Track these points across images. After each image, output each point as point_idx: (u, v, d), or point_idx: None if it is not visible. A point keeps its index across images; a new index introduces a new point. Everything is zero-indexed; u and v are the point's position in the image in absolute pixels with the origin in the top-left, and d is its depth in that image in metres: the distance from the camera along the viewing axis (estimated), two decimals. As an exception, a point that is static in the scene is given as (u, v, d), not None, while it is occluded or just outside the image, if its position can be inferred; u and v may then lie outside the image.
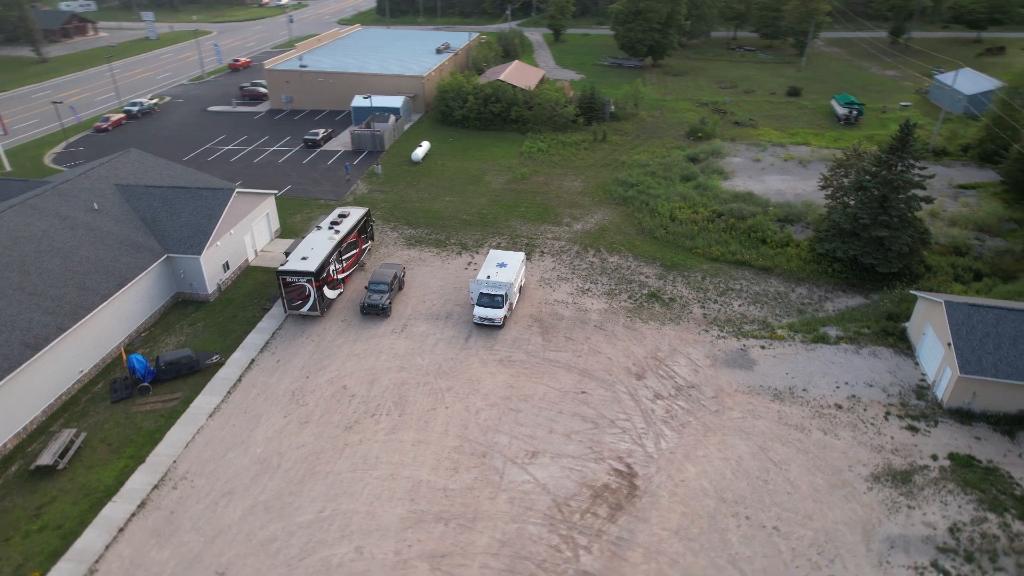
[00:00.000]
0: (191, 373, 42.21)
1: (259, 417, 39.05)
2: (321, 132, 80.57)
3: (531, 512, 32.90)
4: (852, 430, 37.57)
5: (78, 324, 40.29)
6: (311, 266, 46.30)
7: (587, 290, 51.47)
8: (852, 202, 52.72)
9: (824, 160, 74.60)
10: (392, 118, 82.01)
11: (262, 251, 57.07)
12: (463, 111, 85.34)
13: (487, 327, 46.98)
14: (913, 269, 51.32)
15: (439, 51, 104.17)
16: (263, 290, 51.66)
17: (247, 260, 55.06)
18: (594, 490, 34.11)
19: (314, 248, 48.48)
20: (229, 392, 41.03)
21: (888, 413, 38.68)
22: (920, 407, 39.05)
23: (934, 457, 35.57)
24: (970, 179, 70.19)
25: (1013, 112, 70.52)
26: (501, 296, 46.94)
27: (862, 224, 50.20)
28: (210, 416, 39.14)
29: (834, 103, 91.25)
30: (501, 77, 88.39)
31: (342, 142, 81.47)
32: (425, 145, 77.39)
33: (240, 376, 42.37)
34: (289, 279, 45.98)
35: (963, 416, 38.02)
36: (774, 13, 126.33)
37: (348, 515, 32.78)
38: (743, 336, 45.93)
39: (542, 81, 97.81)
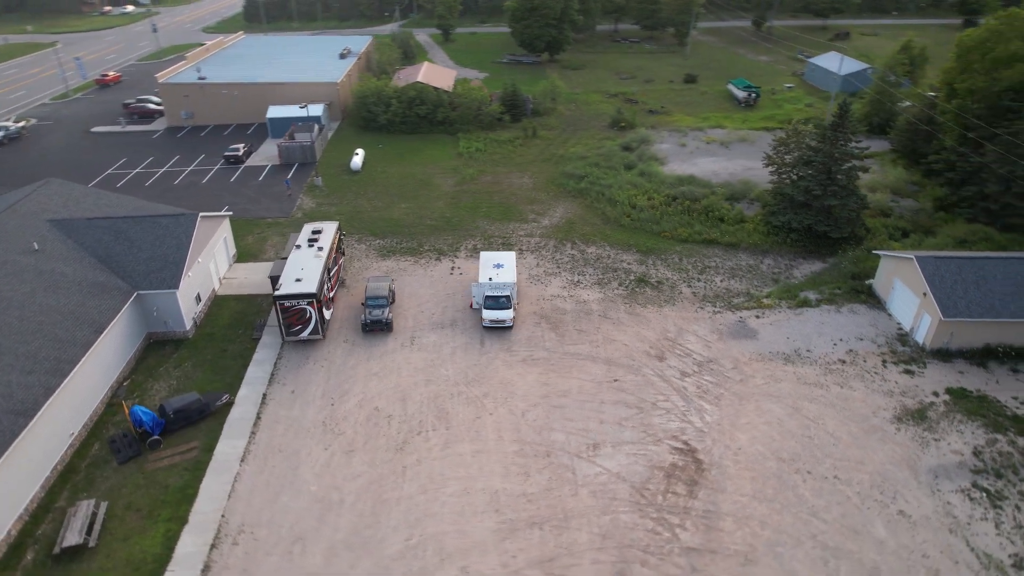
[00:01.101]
0: (201, 418, 38.45)
1: (298, 453, 36.42)
2: (242, 147, 75.28)
3: (616, 501, 33.47)
4: (862, 380, 41.51)
5: (66, 380, 35.38)
6: (311, 287, 43.62)
7: (577, 282, 52.47)
8: (796, 176, 57.63)
9: (742, 141, 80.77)
10: (316, 127, 78.25)
11: (225, 279, 52.70)
12: (387, 115, 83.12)
13: (497, 329, 46.65)
14: (857, 232, 57.06)
15: (342, 56, 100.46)
16: (243, 320, 47.86)
17: (214, 290, 50.66)
18: (665, 470, 35.25)
19: (304, 268, 45.66)
20: (253, 432, 37.86)
21: (884, 361, 43.10)
22: (907, 352, 43.85)
23: (935, 394, 40.21)
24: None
25: (891, 89, 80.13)
26: (506, 297, 46.80)
27: (814, 195, 55.12)
28: (242, 461, 35.95)
29: (731, 87, 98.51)
30: (419, 79, 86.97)
31: (267, 156, 76.60)
32: (361, 153, 74.69)
33: (257, 414, 39.20)
34: (287, 303, 43.03)
35: (944, 355, 43.19)
36: (652, 6, 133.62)
37: (439, 538, 31.62)
38: (736, 309, 49.01)
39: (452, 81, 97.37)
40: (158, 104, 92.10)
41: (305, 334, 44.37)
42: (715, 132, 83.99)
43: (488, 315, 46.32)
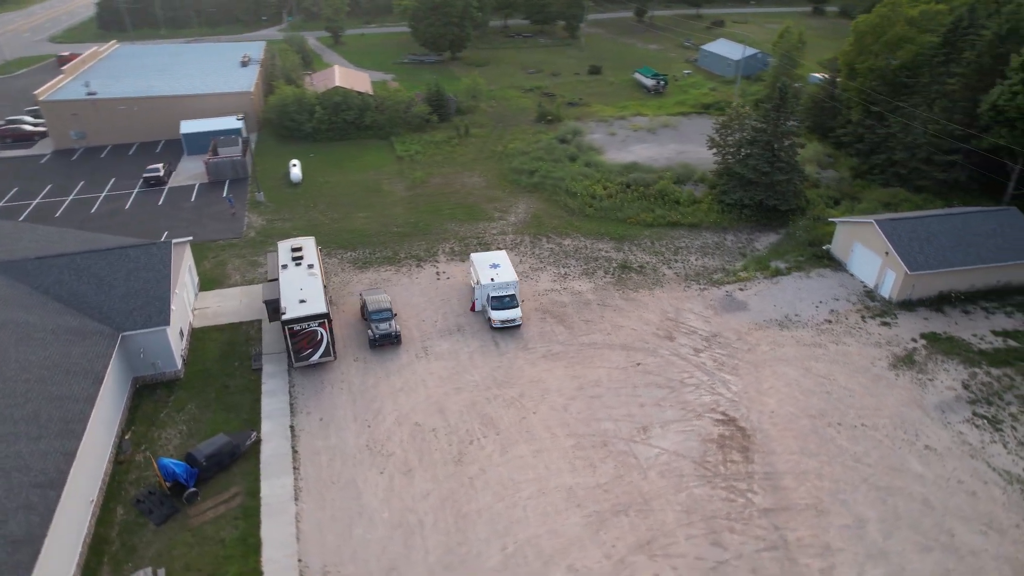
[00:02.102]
0: (232, 461, 35.38)
1: (354, 482, 34.57)
2: (161, 167, 68.91)
3: (684, 478, 34.82)
4: (851, 336, 45.71)
5: (83, 441, 31.27)
6: (320, 307, 41.27)
7: (565, 275, 53.34)
8: (742, 156, 61.82)
9: (665, 127, 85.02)
10: (242, 141, 73.26)
11: (196, 310, 48.40)
12: (312, 123, 79.33)
13: (506, 328, 46.50)
14: (800, 204, 62.24)
15: (243, 64, 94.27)
16: (233, 351, 44.30)
17: (190, 323, 46.40)
18: (716, 442, 37.09)
19: (303, 288, 43.06)
20: (295, 468, 35.39)
21: (863, 316, 47.71)
22: (878, 306, 48.76)
23: (914, 340, 45.15)
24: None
25: (790, 71, 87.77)
26: (511, 296, 46.81)
27: (763, 172, 59.49)
28: (296, 500, 33.57)
29: (638, 76, 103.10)
30: (338, 83, 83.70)
31: (191, 174, 70.65)
32: (298, 164, 70.86)
33: (293, 447, 36.65)
34: (297, 327, 40.43)
35: (908, 305, 48.49)
36: (542, 0, 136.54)
37: (534, 542, 31.42)
38: (719, 284, 52.04)
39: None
40: (36, 124, 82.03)
41: (316, 357, 41.92)
42: (638, 120, 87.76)
43: (498, 316, 46.06)
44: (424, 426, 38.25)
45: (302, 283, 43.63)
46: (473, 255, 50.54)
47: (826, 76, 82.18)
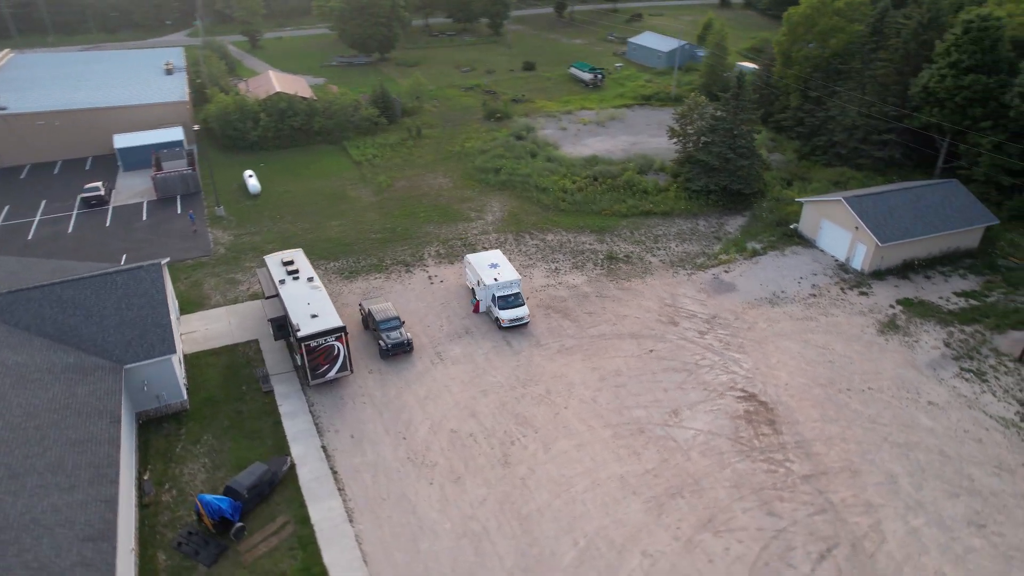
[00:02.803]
0: (271, 490, 33.57)
1: (405, 496, 33.67)
2: (101, 186, 63.77)
3: (725, 455, 36.19)
4: (837, 307, 48.81)
5: (122, 486, 28.79)
6: (335, 320, 39.79)
7: (556, 269, 53.86)
8: (702, 143, 64.41)
9: (613, 119, 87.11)
10: (186, 153, 69.01)
11: (183, 334, 45.33)
12: (258, 131, 75.74)
13: (515, 327, 46.44)
14: (760, 187, 65.55)
15: (168, 72, 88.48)
16: (235, 374, 41.90)
17: (181, 349, 43.41)
18: (744, 418, 38.74)
19: (311, 303, 41.32)
20: (339, 489, 34.03)
21: (842, 288, 51.02)
22: (853, 278, 52.25)
23: (892, 306, 48.77)
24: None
25: (722, 60, 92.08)
26: (515, 294, 46.85)
27: (726, 158, 62.25)
28: (351, 521, 32.31)
29: (575, 71, 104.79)
30: (278, 89, 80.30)
31: (134, 192, 65.80)
32: (253, 174, 67.52)
33: (331, 468, 35.20)
34: (314, 343, 38.76)
35: (878, 275, 52.27)
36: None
37: (603, 533, 31.77)
38: (704, 268, 54.11)
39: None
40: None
41: (333, 373, 40.35)
42: (585, 114, 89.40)
43: (506, 315, 45.95)
44: (460, 432, 37.72)
45: (308, 297, 41.84)
46: (468, 256, 50.09)
47: (757, 66, 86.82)
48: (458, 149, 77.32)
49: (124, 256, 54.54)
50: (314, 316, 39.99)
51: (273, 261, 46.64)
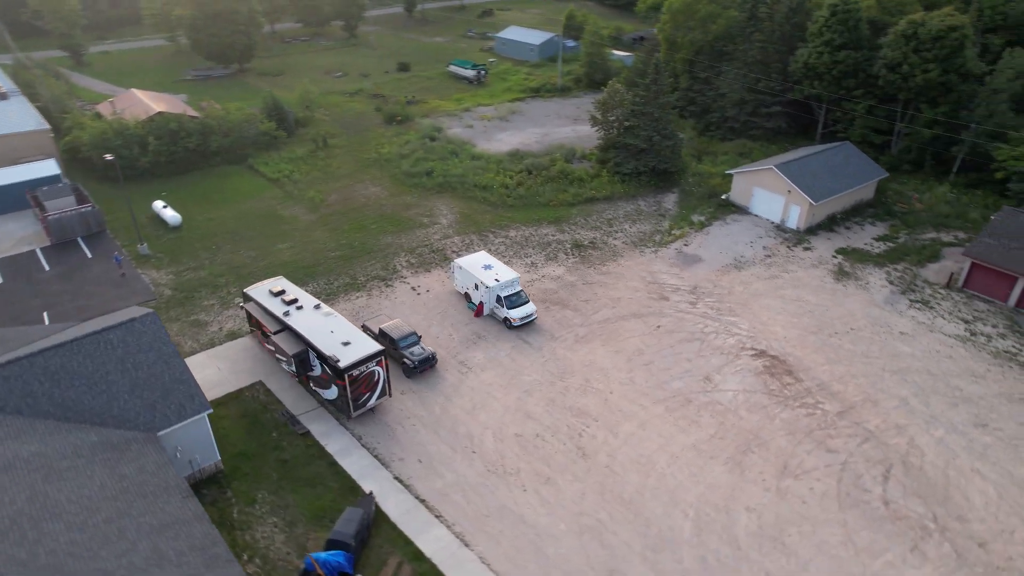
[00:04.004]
0: (369, 533, 31.16)
1: (506, 508, 32.93)
2: (-23, 236, 53.59)
3: (768, 407, 39.45)
4: (792, 263, 54.44)
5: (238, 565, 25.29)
6: (372, 345, 37.48)
7: (533, 263, 54.49)
8: (625, 128, 68.01)
9: (513, 113, 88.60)
10: (72, 188, 59.86)
11: (170, 390, 39.91)
12: (148, 158, 67.46)
13: (523, 325, 46.50)
14: (682, 164, 70.54)
15: (3, 97, 75.48)
16: (256, 421, 37.92)
17: (181, 406, 38.26)
18: (767, 372, 42.35)
19: (334, 330, 38.48)
20: (437, 516, 32.40)
21: (788, 246, 56.92)
22: (792, 237, 58.41)
23: (834, 256, 55.37)
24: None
25: (601, 50, 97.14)
26: (520, 292, 46.97)
27: (653, 140, 66.36)
28: (466, 545, 30.99)
29: (456, 69, 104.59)
30: (160, 109, 72.05)
31: (19, 239, 55.85)
32: (166, 205, 60.21)
33: (417, 497, 33.35)
34: (356, 372, 36.22)
35: (811, 231, 58.95)
36: (314, 1, 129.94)
37: (704, 499, 33.46)
38: (663, 244, 57.57)
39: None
40: None
41: (373, 400, 37.95)
42: (484, 110, 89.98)
43: (517, 314, 45.89)
44: (525, 435, 37.41)
45: (328, 325, 38.86)
46: (458, 261, 49.14)
47: (637, 52, 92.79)
48: (375, 156, 74.54)
49: (45, 314, 46.59)
50: (346, 344, 37.29)
51: (259, 293, 42.57)
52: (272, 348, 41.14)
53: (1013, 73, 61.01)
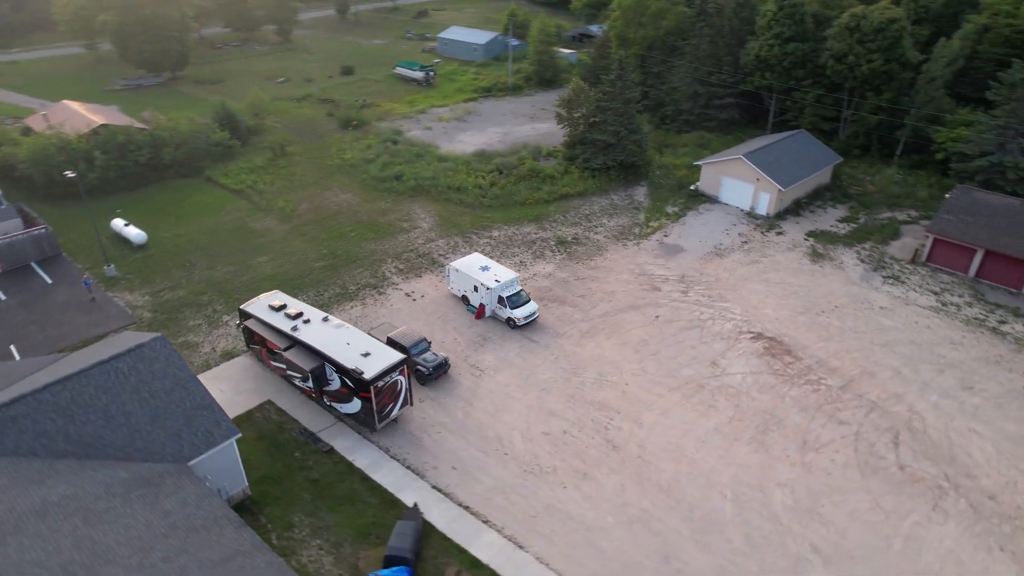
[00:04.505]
0: (421, 545, 30.52)
1: (552, 507, 33.00)
2: (-82, 268, 48.94)
3: (775, 387, 41.11)
4: (769, 248, 56.76)
5: (307, 590, 24.32)
6: (394, 353, 36.75)
7: (522, 262, 54.60)
8: (590, 124, 69.00)
9: (470, 113, 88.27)
10: (15, 211, 55.56)
11: (174, 418, 37.75)
12: (96, 173, 63.29)
13: (527, 324, 46.59)
14: (648, 157, 72.15)
15: (-81, 113, 69.14)
16: (275, 442, 36.43)
17: (191, 433, 36.24)
18: (768, 353, 44.08)
19: (350, 342, 37.41)
20: (485, 522, 32.09)
21: (762, 231, 59.29)
22: (764, 223, 60.86)
23: (806, 239, 58.09)
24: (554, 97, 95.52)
25: (550, 48, 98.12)
26: (520, 291, 47.05)
27: (621, 135, 67.66)
28: (521, 547, 30.85)
29: (403, 71, 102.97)
30: (101, 121, 67.83)
31: (-34, 268, 51.42)
32: (128, 222, 56.72)
33: (460, 505, 32.91)
34: (381, 383, 35.38)
35: (780, 216, 61.63)
36: (242, 4, 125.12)
37: (738, 478, 34.60)
38: (644, 236, 58.85)
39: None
40: None
41: (396, 410, 37.17)
42: (440, 111, 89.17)
43: (521, 313, 45.94)
44: (553, 432, 37.56)
45: (342, 337, 37.75)
46: (453, 264, 48.68)
47: (581, 49, 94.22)
48: (338, 162, 72.69)
49: (13, 347, 43.14)
50: (366, 355, 36.34)
51: (258, 309, 40.86)
52: (280, 365, 39.63)
53: (946, 61, 65.68)
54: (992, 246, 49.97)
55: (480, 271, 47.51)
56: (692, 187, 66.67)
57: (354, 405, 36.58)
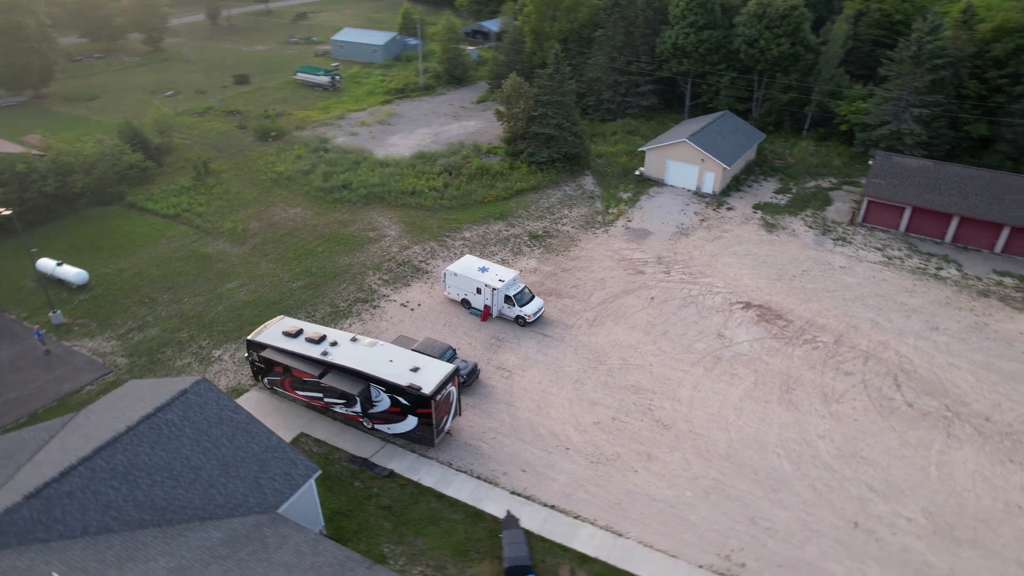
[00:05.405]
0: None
1: (630, 492, 33.71)
2: None
3: (782, 351, 44.31)
4: (727, 223, 60.56)
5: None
6: (443, 366, 35.61)
7: (504, 260, 54.57)
8: (533, 116, 69.83)
9: (392, 115, 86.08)
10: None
11: (203, 467, 34.26)
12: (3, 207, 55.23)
13: (535, 320, 46.78)
14: (587, 147, 74.06)
15: None
16: (328, 475, 34.17)
17: (233, 480, 33.09)
18: (763, 320, 47.30)
19: (393, 360, 35.87)
20: (576, 517, 32.17)
21: (714, 208, 63.09)
22: (713, 200, 64.73)
23: (754, 211, 62.56)
24: (478, 92, 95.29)
25: (458, 46, 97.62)
26: (524, 288, 47.16)
27: (564, 128, 69.09)
28: (621, 535, 31.27)
29: (306, 76, 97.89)
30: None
31: None
32: (61, 262, 50.06)
33: (545, 505, 32.70)
34: (439, 396, 34.27)
35: (725, 192, 65.86)
36: (98, 12, 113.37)
37: (783, 437, 37.06)
38: (610, 223, 60.74)
39: None
40: None
41: (448, 423, 36.18)
42: (359, 116, 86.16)
43: (530, 309, 46.08)
44: (603, 421, 38.23)
45: (384, 355, 36.07)
46: (450, 268, 47.83)
47: (490, 45, 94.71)
48: (272, 176, 68.39)
49: (-23, 415, 37.18)
50: (415, 370, 35.01)
51: (271, 338, 37.97)
52: (311, 394, 37.13)
53: (839, 42, 73.08)
54: (917, 203, 56.63)
55: (480, 272, 47.01)
56: (637, 172, 69.51)
57: (407, 424, 35.15)
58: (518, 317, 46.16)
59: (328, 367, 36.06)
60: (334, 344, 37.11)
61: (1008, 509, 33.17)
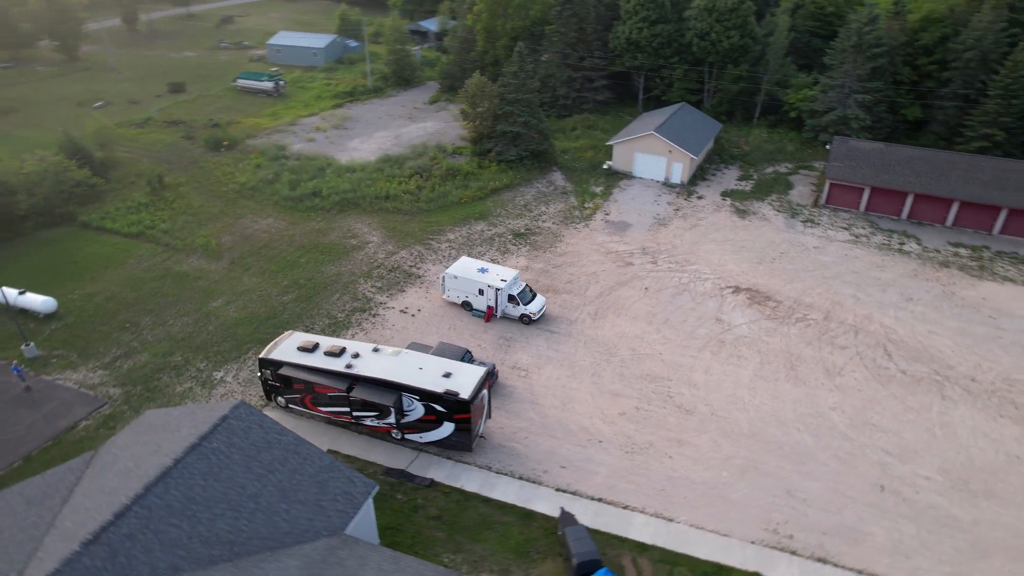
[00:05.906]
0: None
1: (671, 478, 34.47)
2: None
3: (780, 331, 46.28)
4: (701, 212, 62.48)
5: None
6: (477, 368, 35.38)
7: (493, 260, 54.40)
8: (499, 114, 69.81)
9: (347, 119, 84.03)
10: None
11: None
12: (-64, 237, 50.57)
13: (539, 318, 46.95)
14: (552, 143, 74.59)
15: None
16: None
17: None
18: (754, 303, 49.22)
19: (423, 368, 35.23)
20: (625, 507, 32.60)
21: (685, 197, 64.96)
22: (681, 189, 66.64)
23: (724, 199, 64.82)
24: (428, 93, 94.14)
25: (405, 47, 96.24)
26: (525, 286, 47.27)
27: (530, 125, 69.41)
28: (672, 520, 31.91)
29: (248, 83, 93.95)
30: (-85, 172, 54.10)
31: None
32: (24, 290, 46.24)
33: (593, 498, 32.98)
34: (477, 400, 33.94)
35: (693, 182, 67.89)
36: (4, 18, 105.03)
37: (798, 411, 38.77)
38: (589, 218, 61.57)
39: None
40: None
41: (481, 427, 35.88)
42: (312, 121, 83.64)
43: (534, 307, 46.26)
44: (628, 411, 38.88)
45: (412, 363, 35.39)
46: (449, 270, 47.36)
47: (425, 45, 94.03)
48: (234, 187, 65.49)
49: (-40, 466, 33.92)
50: (447, 375, 34.51)
51: (286, 355, 36.54)
52: (336, 410, 35.96)
53: (784, 33, 76.69)
54: (875, 183, 60.27)
55: (480, 273, 46.75)
56: (605, 166, 70.69)
57: (441, 431, 34.62)
58: (523, 316, 46.20)
59: (355, 380, 35.03)
60: (356, 356, 36.08)
61: (1010, 460, 35.98)
